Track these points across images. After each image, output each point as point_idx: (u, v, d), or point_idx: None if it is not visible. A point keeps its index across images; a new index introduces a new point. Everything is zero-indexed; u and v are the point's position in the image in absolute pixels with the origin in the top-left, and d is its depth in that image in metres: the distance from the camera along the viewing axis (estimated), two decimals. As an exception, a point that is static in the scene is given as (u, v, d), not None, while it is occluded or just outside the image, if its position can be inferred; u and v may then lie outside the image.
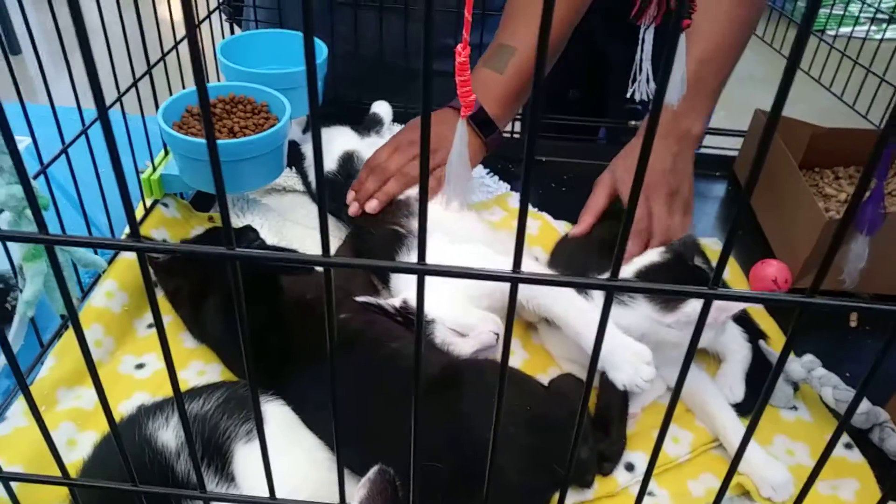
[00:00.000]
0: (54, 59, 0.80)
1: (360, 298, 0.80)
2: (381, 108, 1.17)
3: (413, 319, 0.80)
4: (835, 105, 1.34)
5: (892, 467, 0.71)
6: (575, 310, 0.73)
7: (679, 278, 0.73)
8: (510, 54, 0.97)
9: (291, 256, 0.32)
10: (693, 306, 0.71)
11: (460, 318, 0.78)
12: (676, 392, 0.35)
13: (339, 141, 1.07)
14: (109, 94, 0.87)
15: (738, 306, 0.70)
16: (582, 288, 0.80)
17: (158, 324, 0.33)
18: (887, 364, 0.68)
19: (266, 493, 0.41)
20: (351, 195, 0.97)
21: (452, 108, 0.98)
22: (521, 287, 0.91)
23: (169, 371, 0.35)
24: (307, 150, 1.09)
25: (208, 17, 1.10)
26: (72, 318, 0.33)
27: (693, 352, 0.34)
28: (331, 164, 1.03)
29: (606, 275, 0.32)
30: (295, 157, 1.09)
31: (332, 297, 0.31)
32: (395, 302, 0.81)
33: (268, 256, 0.29)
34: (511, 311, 0.33)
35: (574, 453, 0.38)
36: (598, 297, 0.75)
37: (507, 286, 0.86)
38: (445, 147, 0.52)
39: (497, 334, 0.81)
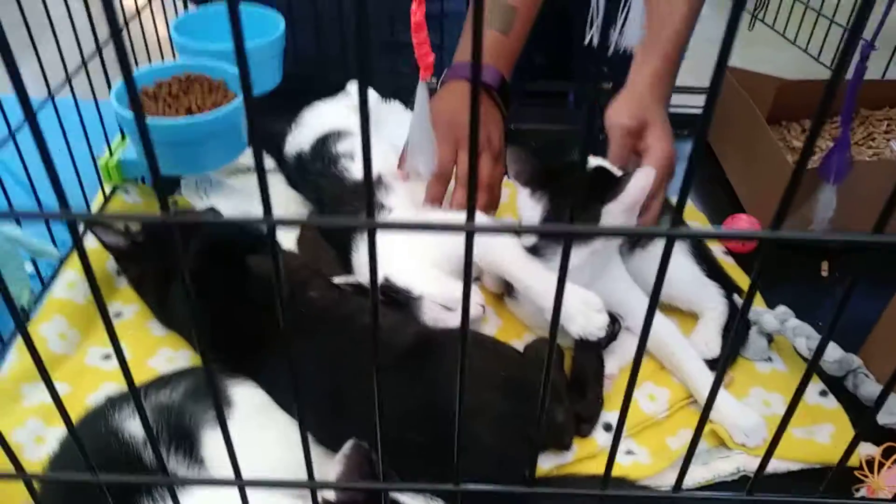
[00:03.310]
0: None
1: (337, 279, 0.78)
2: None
3: (395, 298, 0.79)
4: (804, 65, 1.35)
5: (866, 411, 0.71)
6: (526, 267, 0.73)
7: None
8: (512, 14, 0.95)
9: (229, 220, 0.30)
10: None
11: (446, 293, 0.77)
12: (640, 349, 0.34)
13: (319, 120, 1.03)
14: (57, 78, 0.85)
15: (632, 197, 0.71)
16: (540, 236, 0.79)
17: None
18: (858, 310, 0.68)
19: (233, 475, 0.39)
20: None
21: (463, 79, 0.92)
22: (476, 249, 0.89)
23: (119, 360, 0.33)
24: (275, 127, 1.06)
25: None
26: (15, 318, 0.31)
27: (657, 297, 0.33)
28: (305, 144, 1.00)
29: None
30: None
31: (279, 259, 0.30)
32: None
33: (203, 221, 0.28)
34: (468, 265, 0.31)
35: (542, 415, 0.37)
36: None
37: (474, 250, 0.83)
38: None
39: (483, 306, 0.80)
